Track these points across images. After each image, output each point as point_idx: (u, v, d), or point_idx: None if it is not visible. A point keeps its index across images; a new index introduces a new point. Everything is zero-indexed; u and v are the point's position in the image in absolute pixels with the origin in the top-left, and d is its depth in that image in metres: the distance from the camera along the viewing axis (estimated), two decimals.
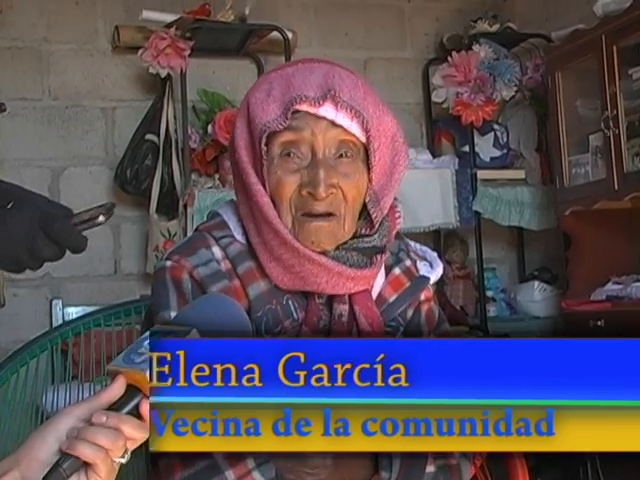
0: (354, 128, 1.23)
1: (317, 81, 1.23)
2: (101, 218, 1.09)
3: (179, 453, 1.15)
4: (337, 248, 1.26)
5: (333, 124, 1.22)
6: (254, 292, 1.25)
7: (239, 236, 1.30)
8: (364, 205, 1.28)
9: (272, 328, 1.24)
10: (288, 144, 1.24)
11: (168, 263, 1.27)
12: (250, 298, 1.25)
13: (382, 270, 1.35)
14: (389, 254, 1.36)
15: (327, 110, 1.22)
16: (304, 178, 1.23)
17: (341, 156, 1.24)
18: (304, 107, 1.21)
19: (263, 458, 1.18)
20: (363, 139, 1.25)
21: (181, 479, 1.17)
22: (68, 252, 1.11)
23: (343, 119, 1.22)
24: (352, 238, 1.28)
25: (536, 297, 3.71)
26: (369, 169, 1.26)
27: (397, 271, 1.36)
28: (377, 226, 1.29)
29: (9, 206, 1.08)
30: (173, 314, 1.21)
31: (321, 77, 1.23)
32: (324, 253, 1.25)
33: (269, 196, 1.25)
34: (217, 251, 1.28)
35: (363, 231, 1.28)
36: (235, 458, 1.16)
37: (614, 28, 3.05)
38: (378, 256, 1.29)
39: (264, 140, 1.24)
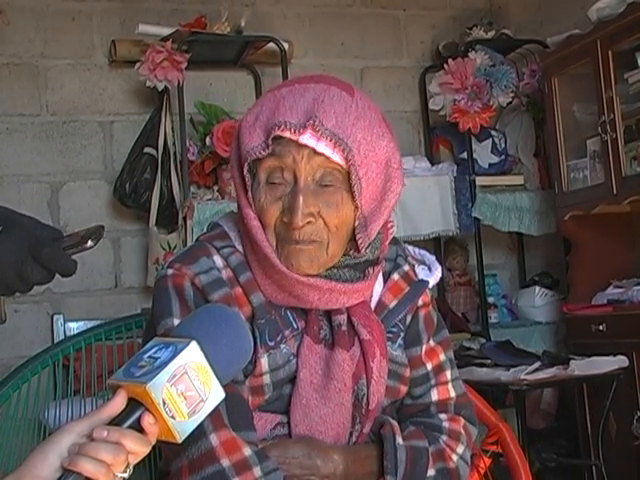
0: (337, 157, 1.20)
1: (304, 106, 1.21)
2: (90, 243, 1.10)
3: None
4: (328, 268, 1.26)
5: (315, 152, 1.20)
6: (257, 300, 1.26)
7: (240, 247, 1.30)
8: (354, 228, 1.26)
9: (274, 336, 1.25)
10: (272, 170, 1.23)
11: (169, 271, 1.27)
12: (253, 305, 1.26)
13: (380, 277, 1.35)
14: (386, 261, 1.36)
15: (308, 139, 1.19)
16: (285, 205, 1.22)
17: (325, 184, 1.22)
18: (286, 134, 1.20)
19: (271, 467, 1.18)
20: (347, 167, 1.22)
21: None
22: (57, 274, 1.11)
23: (324, 148, 1.20)
24: (342, 256, 1.27)
25: (537, 302, 3.70)
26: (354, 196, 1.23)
27: (396, 276, 1.37)
28: (363, 250, 1.27)
29: None
30: (176, 321, 1.21)
31: (310, 101, 1.21)
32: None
33: (258, 218, 1.25)
34: (218, 260, 1.28)
35: (351, 252, 1.27)
36: (242, 466, 1.16)
37: (609, 33, 3.06)
38: (371, 269, 1.29)
39: (246, 167, 1.24)
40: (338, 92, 1.23)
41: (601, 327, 3.13)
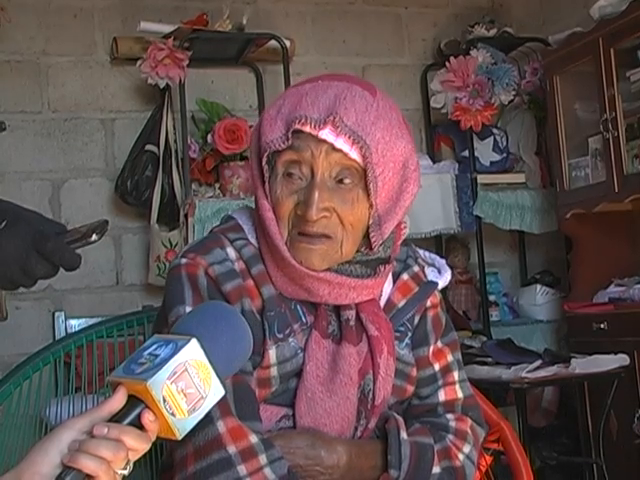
0: (354, 154, 1.21)
1: (325, 103, 1.22)
2: (94, 237, 1.10)
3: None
4: (341, 262, 1.27)
5: (334, 148, 1.21)
6: (267, 293, 1.27)
7: (253, 239, 1.31)
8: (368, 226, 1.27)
9: (282, 329, 1.26)
10: (290, 163, 1.24)
11: (183, 260, 1.27)
12: (264, 297, 1.27)
13: (390, 277, 1.36)
14: (396, 261, 1.36)
15: (327, 134, 1.21)
16: (300, 198, 1.23)
17: (341, 181, 1.23)
18: (306, 128, 1.21)
19: (276, 455, 1.18)
20: (364, 165, 1.23)
21: (193, 472, 1.17)
22: (62, 269, 1.11)
23: (343, 144, 1.21)
24: (356, 252, 1.28)
25: (538, 300, 3.70)
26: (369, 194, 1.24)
27: (405, 276, 1.38)
28: (376, 248, 1.28)
29: (2, 225, 1.09)
30: (188, 309, 1.22)
31: (332, 98, 1.23)
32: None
33: (272, 210, 1.26)
34: (231, 252, 1.29)
35: (363, 249, 1.28)
36: (248, 453, 1.16)
37: (611, 31, 3.05)
38: (382, 267, 1.29)
39: (265, 159, 1.25)
40: (360, 91, 1.25)
41: (602, 325, 3.13)
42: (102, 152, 3.67)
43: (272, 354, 1.24)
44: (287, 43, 3.62)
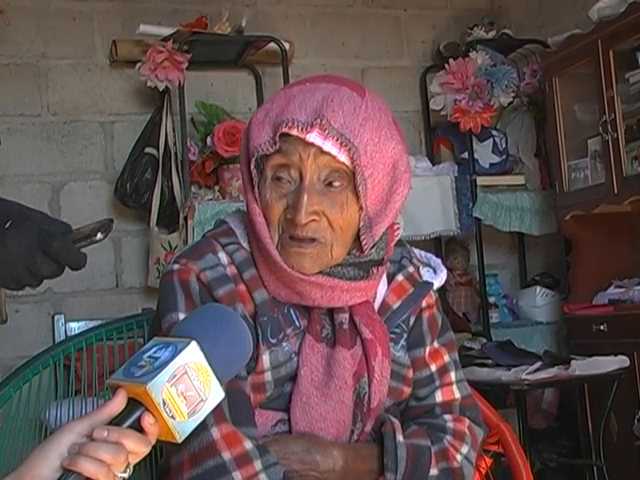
0: (343, 156, 1.20)
1: (313, 105, 1.21)
2: (99, 235, 1.10)
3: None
4: (333, 265, 1.26)
5: (322, 151, 1.20)
6: (260, 297, 1.27)
7: (245, 244, 1.31)
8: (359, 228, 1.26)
9: (276, 334, 1.25)
10: (279, 167, 1.23)
11: (175, 266, 1.27)
12: (256, 302, 1.26)
13: (384, 278, 1.35)
14: (391, 262, 1.36)
15: (315, 137, 1.19)
16: (289, 202, 1.22)
17: (331, 184, 1.22)
18: (294, 132, 1.20)
19: (271, 460, 1.18)
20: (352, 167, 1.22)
21: (188, 478, 1.17)
22: (67, 268, 1.11)
23: (331, 147, 1.19)
24: (347, 255, 1.27)
25: (538, 302, 3.71)
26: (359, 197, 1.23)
27: (400, 277, 1.37)
28: (367, 251, 1.27)
29: (8, 225, 1.09)
30: (181, 316, 1.22)
31: (319, 100, 1.21)
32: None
33: (263, 214, 1.25)
34: (223, 256, 1.29)
35: (355, 252, 1.27)
36: (243, 459, 1.16)
37: (610, 32, 3.06)
38: (375, 269, 1.28)
39: (253, 163, 1.25)
40: (349, 92, 1.23)
41: (602, 327, 3.13)
42: (101, 155, 3.67)
43: (266, 359, 1.24)
44: (286, 45, 3.62)
